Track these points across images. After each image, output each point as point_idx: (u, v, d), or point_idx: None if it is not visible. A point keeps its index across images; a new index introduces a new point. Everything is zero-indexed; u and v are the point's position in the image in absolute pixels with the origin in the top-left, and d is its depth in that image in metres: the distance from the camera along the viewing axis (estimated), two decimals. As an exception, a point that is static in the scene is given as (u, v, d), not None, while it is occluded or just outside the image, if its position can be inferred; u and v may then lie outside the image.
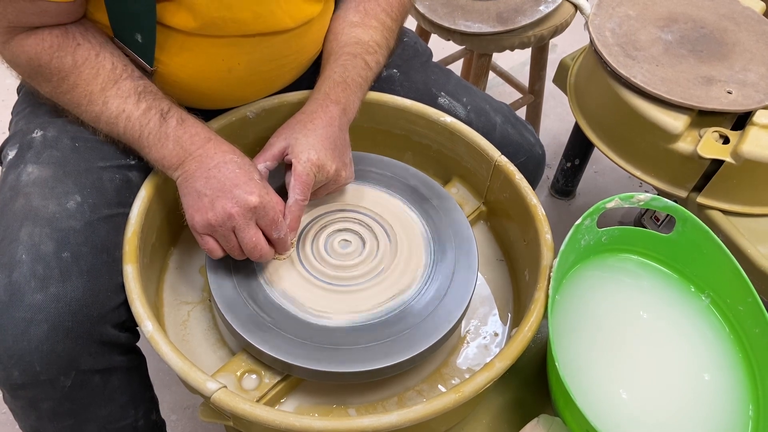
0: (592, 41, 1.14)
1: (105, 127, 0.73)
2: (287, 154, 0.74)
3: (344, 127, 0.78)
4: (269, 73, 0.82)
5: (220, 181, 0.68)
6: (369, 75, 0.83)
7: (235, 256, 0.70)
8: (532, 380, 0.80)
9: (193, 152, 0.71)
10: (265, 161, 0.75)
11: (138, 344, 0.78)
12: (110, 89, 0.71)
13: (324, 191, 0.78)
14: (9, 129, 0.83)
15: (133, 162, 0.77)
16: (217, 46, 0.74)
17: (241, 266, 0.73)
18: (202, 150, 0.71)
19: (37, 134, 0.76)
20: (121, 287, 0.70)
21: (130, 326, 0.74)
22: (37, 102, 0.80)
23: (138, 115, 0.71)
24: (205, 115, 0.82)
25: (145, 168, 0.77)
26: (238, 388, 0.68)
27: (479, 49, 1.36)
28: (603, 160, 1.70)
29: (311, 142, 0.73)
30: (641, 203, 0.74)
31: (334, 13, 0.87)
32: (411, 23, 1.21)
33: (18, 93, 0.87)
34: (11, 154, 0.76)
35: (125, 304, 0.70)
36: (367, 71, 0.83)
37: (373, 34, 0.85)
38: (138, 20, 0.71)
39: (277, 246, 0.72)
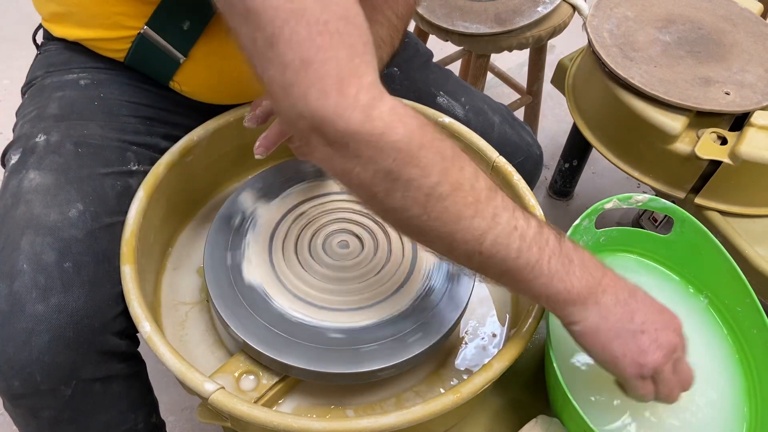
0: (590, 42, 1.14)
1: (488, 248, 0.53)
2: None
3: None
4: None
5: (643, 312, 0.57)
6: None
7: (672, 398, 0.60)
8: (531, 381, 0.80)
9: (601, 279, 0.56)
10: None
11: (138, 349, 0.77)
12: (495, 195, 0.53)
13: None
14: (13, 132, 0.81)
15: (134, 168, 0.76)
16: None
17: (239, 266, 0.73)
18: (607, 278, 0.57)
19: (41, 138, 0.74)
20: (122, 296, 0.69)
21: (131, 333, 0.73)
22: (43, 105, 0.78)
23: (532, 234, 0.54)
24: (202, 115, 0.81)
25: (144, 174, 0.76)
26: (236, 389, 0.68)
27: (477, 50, 1.36)
28: (601, 160, 1.71)
29: None
30: (639, 204, 0.74)
31: None
32: (410, 24, 1.20)
33: (22, 95, 0.85)
34: (14, 159, 0.75)
35: (126, 312, 0.69)
36: None
37: (377, 29, 0.83)
38: (198, 3, 0.64)
39: None
